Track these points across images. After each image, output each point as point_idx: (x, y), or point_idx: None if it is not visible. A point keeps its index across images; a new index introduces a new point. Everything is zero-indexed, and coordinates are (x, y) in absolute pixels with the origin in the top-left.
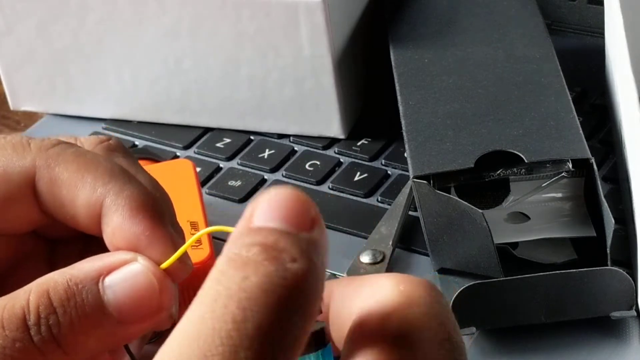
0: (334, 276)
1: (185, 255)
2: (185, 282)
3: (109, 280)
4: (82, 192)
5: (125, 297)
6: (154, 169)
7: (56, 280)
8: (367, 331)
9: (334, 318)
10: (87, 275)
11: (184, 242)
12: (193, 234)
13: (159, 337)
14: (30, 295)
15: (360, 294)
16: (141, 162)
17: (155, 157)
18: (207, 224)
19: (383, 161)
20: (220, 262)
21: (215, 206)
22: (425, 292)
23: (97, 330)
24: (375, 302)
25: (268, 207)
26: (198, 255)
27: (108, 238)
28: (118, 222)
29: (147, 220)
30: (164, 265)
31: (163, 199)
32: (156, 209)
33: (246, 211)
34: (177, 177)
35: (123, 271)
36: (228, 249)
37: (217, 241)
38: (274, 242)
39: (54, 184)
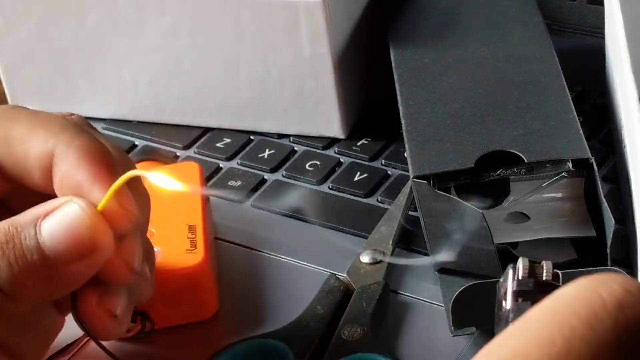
0: (334, 276)
1: (127, 202)
2: (177, 285)
3: (45, 222)
4: (35, 145)
5: (59, 236)
6: (160, 171)
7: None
8: None
9: None
10: (26, 219)
11: (141, 205)
12: (190, 237)
13: (146, 334)
14: None
15: None
16: (148, 164)
17: (162, 158)
18: (207, 228)
19: (383, 161)
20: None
21: (216, 206)
22: None
23: (36, 272)
24: None
25: None
26: (191, 259)
27: (57, 187)
28: (65, 169)
29: (93, 168)
30: (100, 206)
31: (120, 155)
32: (104, 159)
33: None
34: (182, 179)
35: (58, 212)
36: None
37: (218, 242)
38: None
39: (9, 142)
